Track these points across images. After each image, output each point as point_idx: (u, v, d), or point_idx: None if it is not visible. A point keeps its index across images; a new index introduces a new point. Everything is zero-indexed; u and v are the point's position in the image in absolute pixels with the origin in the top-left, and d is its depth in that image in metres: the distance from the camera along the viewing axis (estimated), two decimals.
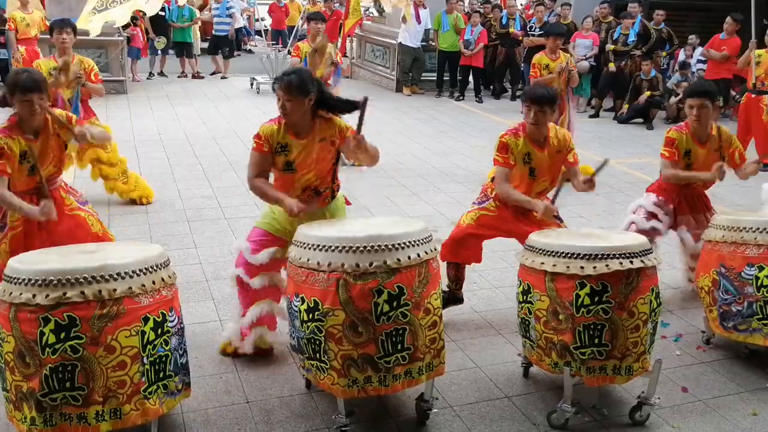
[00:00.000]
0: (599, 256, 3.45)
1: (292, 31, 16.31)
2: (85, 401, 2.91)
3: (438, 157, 9.34)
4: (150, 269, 3.12)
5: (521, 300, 3.75)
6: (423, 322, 3.31)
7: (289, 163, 3.88)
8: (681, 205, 4.99)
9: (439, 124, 11.70)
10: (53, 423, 2.92)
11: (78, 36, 6.43)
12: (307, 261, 3.31)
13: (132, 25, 13.69)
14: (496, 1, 15.13)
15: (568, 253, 3.50)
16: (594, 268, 3.43)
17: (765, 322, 4.03)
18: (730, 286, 4.16)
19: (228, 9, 16.04)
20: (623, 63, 12.51)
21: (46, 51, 9.97)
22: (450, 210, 7.06)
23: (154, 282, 3.11)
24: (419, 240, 3.36)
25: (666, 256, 5.14)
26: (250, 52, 20.60)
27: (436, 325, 3.40)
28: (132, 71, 14.31)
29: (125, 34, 13.43)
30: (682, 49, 13.14)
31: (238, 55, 17.27)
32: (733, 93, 11.90)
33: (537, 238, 3.75)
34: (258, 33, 21.05)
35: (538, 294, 3.60)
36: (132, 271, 3.03)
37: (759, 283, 4.03)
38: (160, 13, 13.57)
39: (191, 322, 4.34)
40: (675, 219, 5.00)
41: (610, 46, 12.57)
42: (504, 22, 13.98)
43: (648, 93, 11.93)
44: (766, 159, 7.29)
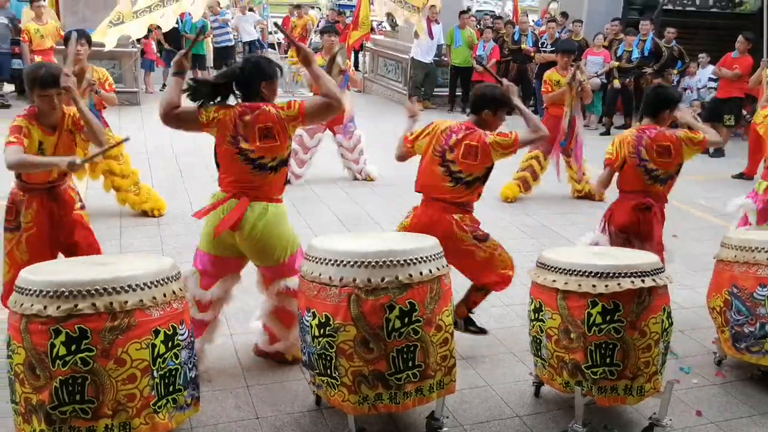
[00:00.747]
0: (611, 274, 3.43)
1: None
2: (95, 414, 2.90)
3: None
4: (161, 282, 3.12)
5: (533, 318, 3.73)
6: (434, 338, 3.30)
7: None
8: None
9: None
10: None
11: (93, 47, 6.47)
12: (319, 275, 3.31)
13: (144, 38, 13.77)
14: (508, 17, 15.16)
15: (580, 271, 3.49)
16: (606, 286, 3.41)
17: None
18: (742, 306, 4.13)
19: (222, 16, 16.02)
20: (627, 80, 12.54)
21: (60, 62, 10.03)
22: None
23: (165, 295, 3.10)
24: (431, 256, 3.36)
25: (677, 275, 5.11)
26: None
27: (447, 342, 3.38)
28: (145, 83, 14.39)
29: (139, 45, 13.51)
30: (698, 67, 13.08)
31: None
32: (744, 112, 11.86)
33: (549, 255, 3.74)
34: (271, 46, 21.14)
35: (549, 312, 3.58)
36: (143, 284, 3.03)
37: None
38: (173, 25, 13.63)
39: None
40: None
41: (614, 62, 12.60)
42: (516, 38, 14.01)
43: None
44: None
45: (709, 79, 12.47)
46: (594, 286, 3.43)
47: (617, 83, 12.53)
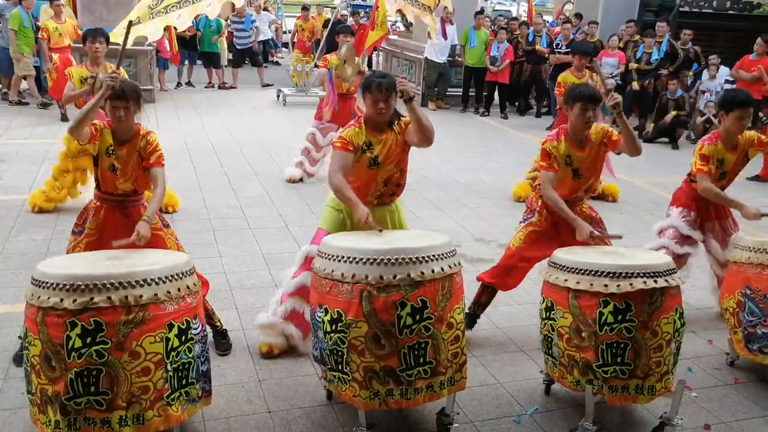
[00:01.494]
0: (623, 274, 3.43)
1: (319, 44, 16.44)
2: (109, 406, 2.94)
3: (462, 172, 9.34)
4: (176, 276, 3.16)
5: (544, 317, 3.74)
6: (446, 336, 3.31)
7: (375, 159, 3.97)
8: (707, 212, 4.94)
9: (464, 139, 11.70)
10: (77, 427, 2.95)
11: (110, 45, 6.51)
12: (332, 272, 3.33)
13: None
14: (523, 18, 15.13)
15: (591, 271, 3.49)
16: (618, 286, 3.41)
17: None
18: (755, 308, 4.12)
19: (252, 23, 16.21)
20: (647, 82, 12.47)
21: (78, 60, 10.11)
22: (474, 225, 7.07)
23: (179, 289, 3.14)
24: (443, 254, 3.37)
25: (690, 275, 5.10)
26: (276, 64, 20.76)
27: (458, 340, 3.39)
28: (159, 80, 14.47)
29: (154, 43, 13.60)
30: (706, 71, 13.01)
31: (265, 67, 17.42)
32: (761, 115, 11.79)
33: (561, 255, 3.74)
34: (285, 45, 21.20)
35: (561, 311, 3.58)
36: (158, 278, 3.07)
37: None
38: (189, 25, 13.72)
39: None
40: (702, 227, 4.96)
41: (633, 64, 12.54)
42: (530, 39, 13.98)
43: (674, 113, 11.86)
44: None
45: (725, 81, 12.40)
46: (606, 285, 3.43)
47: (636, 85, 12.48)
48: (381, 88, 3.88)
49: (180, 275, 3.19)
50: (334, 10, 20.13)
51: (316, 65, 13.48)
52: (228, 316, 4.74)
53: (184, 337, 3.12)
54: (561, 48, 13.31)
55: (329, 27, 14.07)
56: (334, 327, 3.28)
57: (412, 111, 3.85)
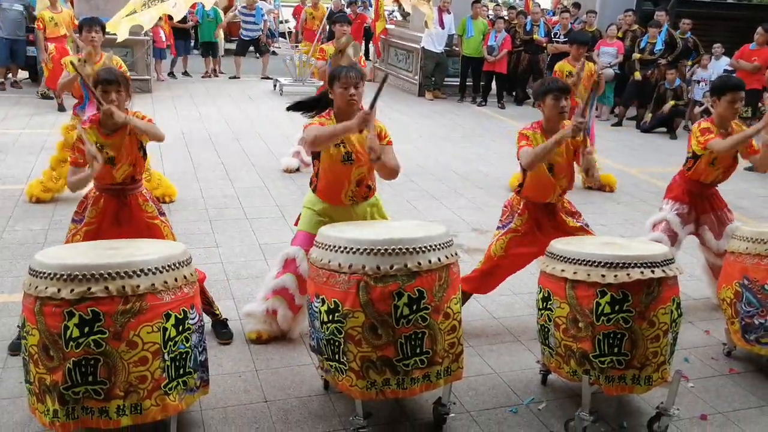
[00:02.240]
0: (620, 264, 3.43)
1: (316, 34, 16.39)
2: (107, 395, 2.94)
3: (459, 162, 9.34)
4: (173, 266, 3.15)
5: (541, 307, 3.75)
6: (442, 326, 3.31)
7: (348, 155, 3.98)
8: (701, 204, 4.96)
9: (461, 129, 11.69)
10: (75, 416, 2.96)
11: (106, 35, 6.49)
12: (329, 262, 3.33)
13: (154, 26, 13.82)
14: (520, 8, 15.10)
15: (589, 261, 3.49)
16: (615, 276, 3.41)
17: None
18: (753, 298, 4.13)
19: (262, 16, 16.18)
20: (649, 72, 12.44)
21: (73, 49, 10.07)
22: (471, 215, 7.07)
23: (176, 279, 3.14)
24: (440, 244, 3.36)
25: (688, 266, 5.12)
26: (273, 53, 20.68)
27: (455, 330, 3.40)
28: (156, 70, 14.44)
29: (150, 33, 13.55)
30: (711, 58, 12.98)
31: (274, 53, 17.39)
32: (760, 105, 11.79)
33: (558, 245, 3.75)
34: (282, 35, 21.13)
35: (558, 301, 3.59)
36: (155, 268, 3.06)
37: None
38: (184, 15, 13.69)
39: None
40: (697, 220, 4.97)
41: (636, 54, 12.50)
42: (528, 28, 13.96)
43: (672, 102, 11.86)
44: None
45: (725, 71, 12.40)
46: (603, 275, 3.43)
47: (638, 75, 12.46)
48: (350, 74, 3.91)
49: (177, 265, 3.18)
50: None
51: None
52: (225, 306, 4.74)
53: (181, 327, 3.12)
54: (559, 37, 13.29)
55: (326, 17, 14.05)
56: (331, 317, 3.28)
57: (380, 168, 3.91)
